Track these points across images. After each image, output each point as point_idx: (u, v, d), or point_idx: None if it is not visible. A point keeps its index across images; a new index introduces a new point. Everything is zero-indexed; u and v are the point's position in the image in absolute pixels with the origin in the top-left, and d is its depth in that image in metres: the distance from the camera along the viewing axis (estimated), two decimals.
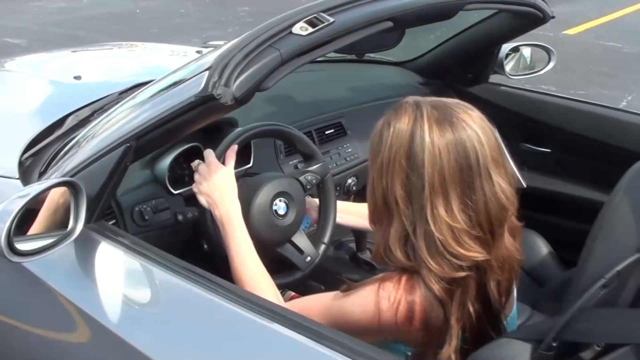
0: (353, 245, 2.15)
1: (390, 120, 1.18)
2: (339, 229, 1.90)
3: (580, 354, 1.02)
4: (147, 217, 1.63)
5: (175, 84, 1.35)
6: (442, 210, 1.12)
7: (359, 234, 2.08)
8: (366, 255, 2.12)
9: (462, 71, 2.59)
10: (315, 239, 1.83)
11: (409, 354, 1.08)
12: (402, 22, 1.53)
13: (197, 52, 2.78)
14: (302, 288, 1.83)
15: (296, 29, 1.32)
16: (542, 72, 2.56)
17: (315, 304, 1.30)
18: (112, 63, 2.72)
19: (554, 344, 1.02)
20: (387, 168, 1.16)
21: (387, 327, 1.18)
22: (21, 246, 1.23)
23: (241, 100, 1.24)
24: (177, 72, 1.55)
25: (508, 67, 2.55)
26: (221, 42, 3.43)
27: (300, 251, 1.77)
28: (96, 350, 1.28)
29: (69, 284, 1.35)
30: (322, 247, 1.82)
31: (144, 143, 1.34)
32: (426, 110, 1.15)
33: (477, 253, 1.14)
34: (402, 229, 1.17)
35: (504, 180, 1.15)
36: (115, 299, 1.30)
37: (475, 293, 1.18)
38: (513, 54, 2.59)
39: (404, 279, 1.18)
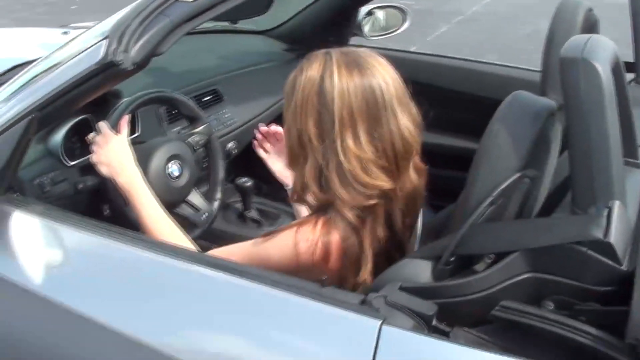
0: (239, 205, 2.29)
1: (302, 67, 1.28)
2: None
3: (474, 266, 1.13)
4: (47, 189, 1.68)
5: (70, 56, 1.42)
6: (350, 143, 1.22)
7: (245, 194, 2.22)
8: (252, 214, 2.26)
9: (322, 35, 2.71)
10: (208, 196, 1.95)
11: (325, 277, 1.14)
12: None
13: (64, 33, 2.79)
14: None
15: None
16: (398, 31, 2.77)
17: (238, 251, 1.39)
18: None
19: (452, 259, 1.13)
20: (301, 109, 1.25)
21: (305, 266, 1.28)
22: None
23: (140, 65, 1.33)
24: (65, 48, 1.61)
25: (366, 29, 2.74)
26: (83, 24, 3.41)
27: (197, 209, 1.89)
28: (25, 315, 1.34)
29: None
30: (216, 203, 1.95)
31: (47, 113, 1.40)
32: (335, 55, 1.25)
33: (383, 182, 1.25)
34: (317, 165, 1.26)
35: (408, 119, 1.26)
36: (40, 263, 1.34)
37: (383, 221, 1.32)
38: (368, 17, 2.79)
39: (320, 221, 1.29)
